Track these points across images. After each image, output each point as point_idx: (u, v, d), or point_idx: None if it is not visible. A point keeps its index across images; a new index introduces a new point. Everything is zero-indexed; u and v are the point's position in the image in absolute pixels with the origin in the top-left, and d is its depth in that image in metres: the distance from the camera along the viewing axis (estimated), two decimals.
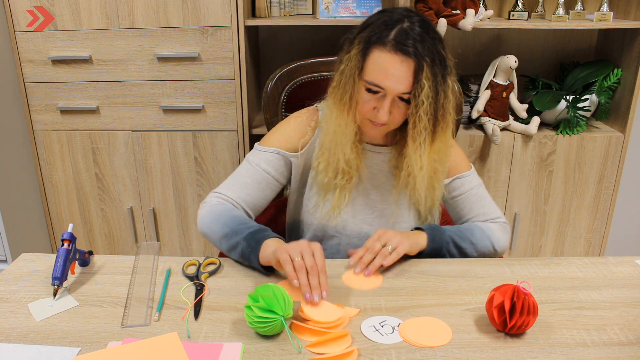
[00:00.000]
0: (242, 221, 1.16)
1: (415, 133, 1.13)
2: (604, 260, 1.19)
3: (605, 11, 2.04)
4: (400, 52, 1.06)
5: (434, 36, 1.09)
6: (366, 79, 1.10)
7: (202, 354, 0.88)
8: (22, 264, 1.16)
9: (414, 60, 1.06)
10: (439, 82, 1.09)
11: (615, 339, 0.93)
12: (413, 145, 1.15)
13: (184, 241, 2.27)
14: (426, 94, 1.08)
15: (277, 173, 1.25)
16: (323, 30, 2.29)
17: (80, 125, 2.11)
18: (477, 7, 2.00)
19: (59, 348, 0.89)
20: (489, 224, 1.28)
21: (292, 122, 1.28)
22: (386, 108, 1.10)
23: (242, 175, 1.25)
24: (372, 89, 1.10)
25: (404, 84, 1.07)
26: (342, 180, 1.22)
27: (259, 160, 1.24)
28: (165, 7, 1.94)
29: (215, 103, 2.05)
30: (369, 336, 0.93)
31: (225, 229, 1.15)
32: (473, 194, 1.29)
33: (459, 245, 1.22)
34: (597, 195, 2.17)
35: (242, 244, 1.11)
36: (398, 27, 1.08)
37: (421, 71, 1.06)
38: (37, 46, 2.00)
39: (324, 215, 1.26)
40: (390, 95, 1.09)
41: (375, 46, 1.08)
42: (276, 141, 1.26)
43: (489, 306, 0.95)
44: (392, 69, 1.07)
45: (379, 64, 1.08)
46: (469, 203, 1.29)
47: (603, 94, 2.09)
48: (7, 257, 2.04)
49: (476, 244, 1.24)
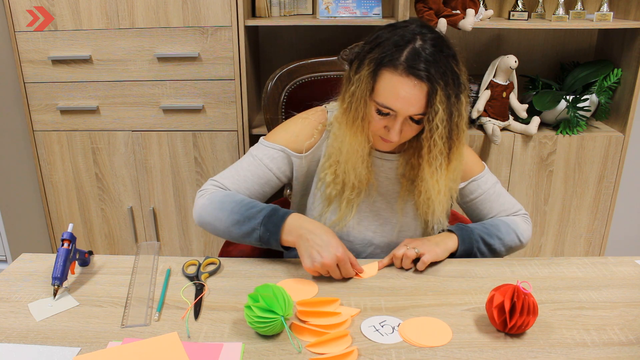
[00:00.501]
0: (249, 205, 1.15)
1: (431, 158, 1.11)
2: (604, 260, 1.19)
3: (605, 11, 2.04)
4: (412, 75, 1.03)
5: (448, 53, 1.06)
6: (377, 100, 1.08)
7: (202, 354, 0.88)
8: (22, 264, 1.16)
9: (427, 84, 1.03)
10: (453, 103, 1.07)
11: (615, 339, 0.93)
12: (429, 170, 1.13)
13: (184, 241, 2.27)
14: (440, 118, 1.06)
15: (279, 171, 1.23)
16: (323, 30, 2.30)
17: (80, 125, 2.11)
18: (477, 7, 2.00)
19: (59, 348, 0.89)
20: (512, 217, 1.28)
21: (300, 122, 1.26)
22: (397, 128, 1.08)
23: (244, 168, 1.22)
24: (383, 111, 1.08)
25: (415, 106, 1.05)
26: (351, 194, 1.20)
27: (262, 156, 1.22)
28: (165, 7, 1.94)
29: (215, 103, 2.05)
30: (369, 336, 0.93)
31: (235, 216, 1.13)
32: (491, 193, 1.28)
33: (488, 243, 1.22)
34: (597, 195, 2.17)
35: (260, 229, 1.11)
36: (409, 47, 1.04)
37: (435, 95, 1.04)
38: (37, 46, 2.00)
39: (328, 225, 1.24)
40: (401, 116, 1.07)
41: (386, 68, 1.05)
42: (282, 139, 1.24)
43: (489, 306, 0.95)
44: (403, 92, 1.04)
45: (390, 87, 1.05)
46: (489, 202, 1.29)
47: (603, 94, 2.09)
48: (7, 257, 2.04)
49: (503, 239, 1.23)
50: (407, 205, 1.26)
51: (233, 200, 1.16)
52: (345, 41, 1.71)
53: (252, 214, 1.12)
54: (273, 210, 1.12)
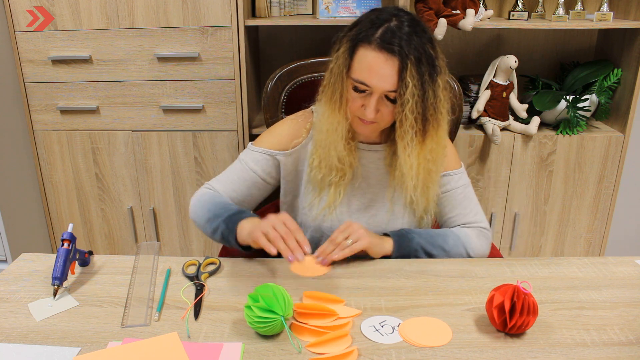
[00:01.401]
0: (224, 206, 1.20)
1: (403, 132, 1.13)
2: (604, 260, 1.19)
3: (605, 11, 2.04)
4: (384, 50, 1.06)
5: (422, 35, 1.09)
6: (353, 77, 1.10)
7: (202, 354, 0.88)
8: (22, 264, 1.16)
9: (398, 58, 1.06)
10: (426, 81, 1.09)
11: (615, 339, 0.93)
12: (401, 144, 1.15)
13: (184, 241, 2.27)
14: (411, 92, 1.07)
15: (264, 173, 1.27)
16: (323, 30, 2.29)
17: (80, 125, 2.11)
18: (477, 7, 2.00)
19: (59, 348, 0.89)
20: (466, 230, 1.27)
21: (286, 123, 1.30)
22: (372, 106, 1.10)
23: (232, 172, 1.28)
24: (359, 88, 1.10)
25: (388, 82, 1.07)
26: (335, 177, 1.22)
27: (248, 159, 1.28)
28: (165, 7, 1.94)
29: (215, 103, 2.05)
30: (369, 336, 0.93)
31: (208, 214, 1.20)
32: (458, 193, 1.28)
33: (428, 252, 1.22)
34: (597, 195, 2.17)
35: (222, 226, 1.16)
36: (385, 25, 1.08)
37: (405, 70, 1.06)
38: (37, 46, 2.00)
39: (319, 212, 1.27)
40: (376, 93, 1.09)
41: (362, 44, 1.09)
42: (267, 142, 1.28)
43: (489, 306, 0.95)
44: (376, 67, 1.07)
45: (365, 62, 1.08)
46: (452, 201, 1.29)
47: (603, 94, 2.09)
48: (7, 257, 2.04)
49: (449, 251, 1.23)
50: (396, 195, 1.27)
51: (214, 201, 1.22)
52: None
53: (220, 212, 1.18)
54: (239, 211, 1.17)
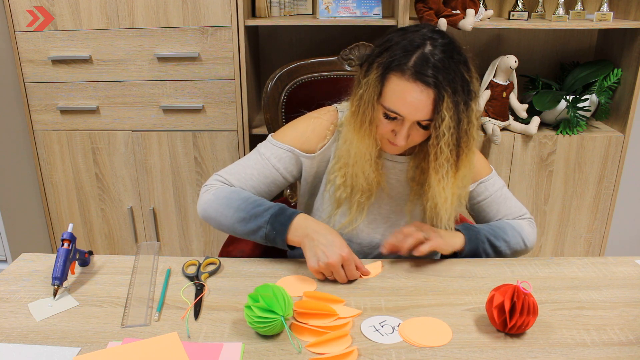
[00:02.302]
0: (256, 203, 1.15)
1: (438, 165, 1.10)
2: (604, 260, 1.19)
3: (605, 11, 2.04)
4: (419, 81, 1.02)
5: (458, 59, 1.05)
6: (384, 104, 1.07)
7: (202, 354, 0.88)
8: (22, 264, 1.16)
9: (434, 90, 1.02)
10: (461, 110, 1.05)
11: (615, 339, 0.93)
12: (436, 177, 1.12)
13: (184, 241, 2.27)
14: (447, 126, 1.04)
15: (286, 171, 1.22)
16: (323, 30, 2.30)
17: (80, 125, 2.11)
18: (477, 7, 2.00)
19: (59, 348, 0.89)
20: (519, 221, 1.28)
21: (312, 122, 1.24)
22: (404, 133, 1.08)
23: (250, 166, 1.22)
24: (390, 116, 1.07)
25: (422, 112, 1.04)
26: (361, 197, 1.20)
27: (270, 155, 1.21)
28: (165, 7, 1.94)
29: (215, 103, 2.05)
30: (369, 336, 0.93)
31: (241, 214, 1.14)
32: (498, 196, 1.28)
33: (494, 244, 1.21)
34: (597, 195, 2.17)
35: (266, 227, 1.11)
36: (418, 52, 1.03)
37: (442, 102, 1.02)
38: (37, 46, 2.00)
39: (337, 227, 1.24)
40: (408, 122, 1.07)
41: (394, 73, 1.04)
42: (292, 139, 1.22)
43: (489, 306, 0.95)
44: (410, 97, 1.03)
45: (398, 92, 1.04)
46: (496, 205, 1.28)
47: (603, 94, 2.09)
48: (7, 257, 2.04)
49: (509, 242, 1.23)
50: (416, 209, 1.26)
51: (239, 197, 1.16)
52: (345, 41, 1.71)
53: (258, 212, 1.12)
54: (280, 209, 1.12)
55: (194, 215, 2.22)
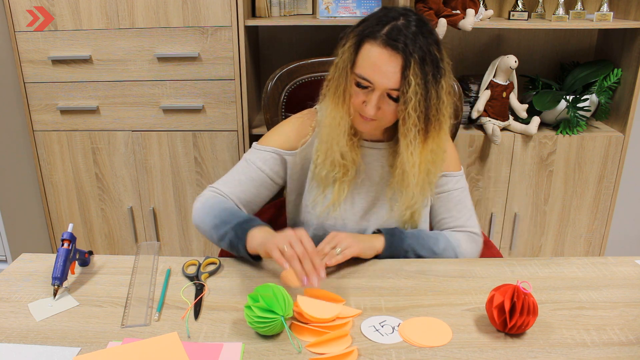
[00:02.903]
0: (232, 212, 1.17)
1: (406, 130, 1.13)
2: (604, 260, 1.19)
3: (605, 11, 2.04)
4: (389, 47, 1.06)
5: (429, 37, 1.09)
6: (356, 72, 1.10)
7: (202, 354, 0.88)
8: (22, 264, 1.16)
9: (402, 56, 1.06)
10: (429, 81, 1.08)
11: (615, 339, 0.93)
12: (404, 142, 1.15)
13: (184, 241, 2.27)
14: (414, 91, 1.07)
15: (273, 172, 1.26)
16: (323, 30, 2.29)
17: (80, 125, 2.11)
18: (477, 7, 2.00)
19: (59, 348, 0.89)
20: (457, 234, 1.27)
21: (292, 122, 1.29)
22: (373, 102, 1.10)
23: (238, 172, 1.26)
24: (361, 84, 1.10)
25: (391, 79, 1.07)
26: (339, 173, 1.22)
27: (255, 159, 1.26)
28: (165, 7, 1.94)
29: (215, 103, 2.05)
30: (369, 336, 0.93)
31: (215, 220, 1.16)
32: (454, 195, 1.28)
33: (418, 254, 1.22)
34: (597, 195, 2.17)
35: (230, 233, 1.12)
36: (392, 23, 1.08)
37: (408, 68, 1.06)
38: (37, 46, 2.00)
39: (323, 209, 1.26)
40: (378, 90, 1.09)
41: (367, 40, 1.09)
42: (274, 141, 1.27)
43: (489, 306, 0.95)
44: (380, 63, 1.07)
45: (369, 57, 1.08)
46: (447, 203, 1.28)
47: (603, 94, 2.09)
48: (7, 257, 2.04)
49: (439, 254, 1.23)
50: (396, 195, 1.26)
51: (221, 207, 1.19)
52: None
53: (229, 219, 1.15)
54: (249, 219, 1.14)
55: None
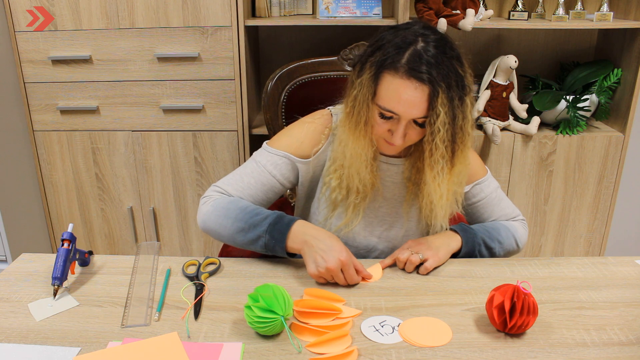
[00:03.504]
0: (254, 212, 1.14)
1: (433, 162, 1.10)
2: (604, 260, 1.19)
3: (605, 11, 2.04)
4: (413, 78, 1.01)
5: (452, 55, 1.04)
6: (379, 104, 1.06)
7: (202, 354, 0.88)
8: (22, 264, 1.16)
9: (428, 86, 1.02)
10: (456, 106, 1.04)
11: (615, 339, 0.93)
12: (431, 174, 1.12)
13: (184, 241, 2.27)
14: (442, 122, 1.04)
15: (283, 177, 1.22)
16: (323, 30, 2.29)
17: (80, 125, 2.11)
18: (477, 7, 2.00)
19: (59, 348, 0.89)
20: (512, 222, 1.30)
21: (305, 127, 1.23)
22: (400, 132, 1.07)
23: (247, 174, 1.21)
24: (386, 115, 1.07)
25: (418, 109, 1.04)
26: (356, 199, 1.19)
27: (265, 162, 1.21)
28: (165, 7, 1.94)
29: (215, 103, 2.05)
30: (369, 336, 0.93)
31: (239, 224, 1.13)
32: (493, 197, 1.29)
33: (489, 246, 1.22)
34: (597, 195, 2.17)
35: (265, 237, 1.11)
36: (411, 49, 1.03)
37: (436, 97, 1.02)
38: (37, 46, 2.00)
39: (334, 230, 1.23)
40: (404, 120, 1.06)
41: (388, 71, 1.04)
42: (286, 145, 1.22)
43: (489, 306, 0.95)
44: (405, 95, 1.03)
45: (393, 89, 1.03)
46: (490, 207, 1.29)
47: (603, 94, 2.09)
48: (7, 257, 2.04)
49: (503, 243, 1.24)
50: (412, 210, 1.26)
51: (237, 207, 1.15)
52: (345, 41, 1.71)
53: (256, 221, 1.12)
54: (278, 217, 1.12)
55: (194, 215, 2.22)
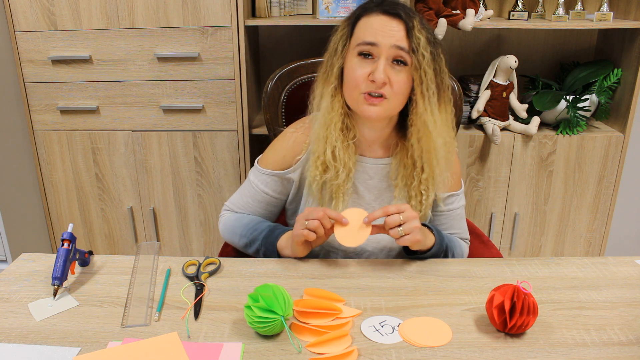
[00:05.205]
0: (253, 227, 1.26)
1: (424, 88, 1.10)
2: (604, 260, 1.19)
3: (605, 11, 2.04)
4: (388, 13, 1.08)
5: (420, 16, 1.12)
6: (356, 42, 1.10)
7: (202, 354, 0.88)
8: (22, 264, 1.16)
9: (403, 20, 1.08)
10: (432, 42, 1.10)
11: (615, 339, 0.93)
12: (422, 103, 1.11)
13: (184, 241, 2.27)
14: (424, 46, 1.07)
15: (276, 193, 1.29)
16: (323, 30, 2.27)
17: (80, 125, 2.11)
18: (477, 7, 2.00)
19: (59, 348, 0.89)
20: (463, 243, 1.34)
21: (286, 140, 1.26)
22: (382, 66, 1.07)
23: (246, 194, 1.31)
24: (364, 51, 1.09)
25: (395, 37, 1.07)
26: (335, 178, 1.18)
27: (258, 182, 1.29)
28: (165, 7, 1.94)
29: (215, 103, 2.05)
30: (369, 336, 0.93)
31: (244, 240, 1.27)
32: (458, 212, 1.31)
33: (447, 255, 1.24)
34: (597, 195, 2.17)
35: (262, 249, 1.24)
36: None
37: (412, 28, 1.07)
38: (37, 46, 2.00)
39: None
40: (384, 52, 1.07)
41: (363, 15, 1.11)
42: (272, 162, 1.27)
43: (489, 306, 0.95)
44: (381, 25, 1.08)
45: (368, 25, 1.09)
46: (454, 220, 1.31)
47: (603, 94, 2.09)
48: (7, 257, 2.04)
49: (455, 257, 1.27)
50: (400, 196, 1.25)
51: (241, 224, 1.29)
52: None
53: (255, 236, 1.25)
54: (270, 231, 1.24)
55: (194, 215, 2.22)
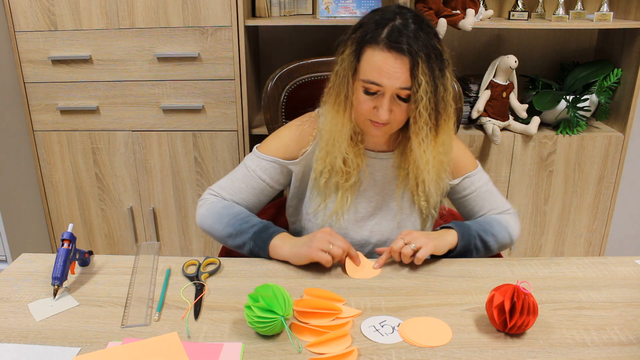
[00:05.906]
0: (244, 219, 1.20)
1: (417, 129, 1.13)
2: (604, 260, 1.19)
3: (605, 11, 2.04)
4: (393, 50, 1.06)
5: (428, 31, 1.09)
6: (362, 78, 1.10)
7: (202, 354, 0.88)
8: (22, 264, 1.16)
9: (408, 57, 1.06)
10: (437, 76, 1.09)
11: (615, 339, 0.93)
12: (416, 141, 1.15)
13: (184, 241, 2.27)
14: (424, 90, 1.08)
15: (273, 181, 1.27)
16: (323, 30, 2.29)
17: (80, 125, 2.11)
18: (477, 7, 2.00)
19: (59, 348, 0.89)
20: (504, 216, 1.30)
21: (293, 130, 1.27)
22: (385, 106, 1.10)
23: (239, 179, 1.27)
24: (370, 89, 1.10)
25: (400, 79, 1.07)
26: (341, 179, 1.21)
27: (255, 167, 1.26)
28: (165, 7, 1.94)
29: (215, 103, 2.05)
30: (369, 336, 0.93)
31: (229, 229, 1.20)
32: (483, 190, 1.29)
33: (483, 240, 1.23)
34: (597, 195, 2.17)
35: (250, 243, 1.18)
36: (390, 25, 1.08)
37: (417, 67, 1.06)
38: (37, 46, 2.00)
39: (325, 219, 1.25)
40: (388, 92, 1.09)
41: (368, 46, 1.09)
42: (275, 149, 1.26)
43: (489, 306, 0.95)
44: (386, 66, 1.07)
45: (373, 62, 1.08)
46: (481, 200, 1.30)
47: (603, 94, 2.09)
48: (7, 257, 2.04)
49: (497, 236, 1.25)
50: (404, 201, 1.27)
51: (229, 213, 1.22)
52: None
53: (244, 228, 1.19)
54: (264, 227, 1.19)
55: (194, 215, 2.21)
